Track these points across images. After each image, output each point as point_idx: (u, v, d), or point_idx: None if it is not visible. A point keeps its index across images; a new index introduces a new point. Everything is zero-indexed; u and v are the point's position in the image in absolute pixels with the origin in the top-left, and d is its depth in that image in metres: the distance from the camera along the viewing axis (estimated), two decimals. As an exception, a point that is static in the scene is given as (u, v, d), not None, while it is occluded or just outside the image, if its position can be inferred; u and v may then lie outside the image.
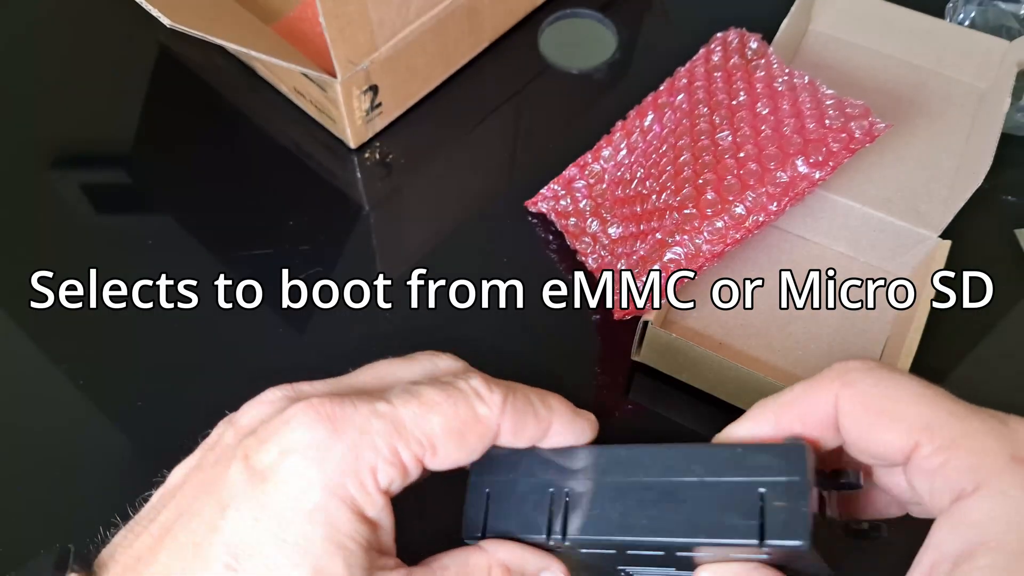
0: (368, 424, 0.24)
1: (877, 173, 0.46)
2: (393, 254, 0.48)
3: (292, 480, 0.23)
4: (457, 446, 0.25)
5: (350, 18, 0.44)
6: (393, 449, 0.24)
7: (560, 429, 0.27)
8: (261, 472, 0.24)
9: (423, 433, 0.25)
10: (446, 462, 0.25)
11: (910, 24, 0.52)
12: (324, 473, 0.23)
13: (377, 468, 0.24)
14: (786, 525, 0.23)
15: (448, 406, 0.25)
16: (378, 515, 0.24)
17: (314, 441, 0.24)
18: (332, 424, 0.24)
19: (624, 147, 0.48)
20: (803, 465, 0.23)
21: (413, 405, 0.25)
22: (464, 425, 0.25)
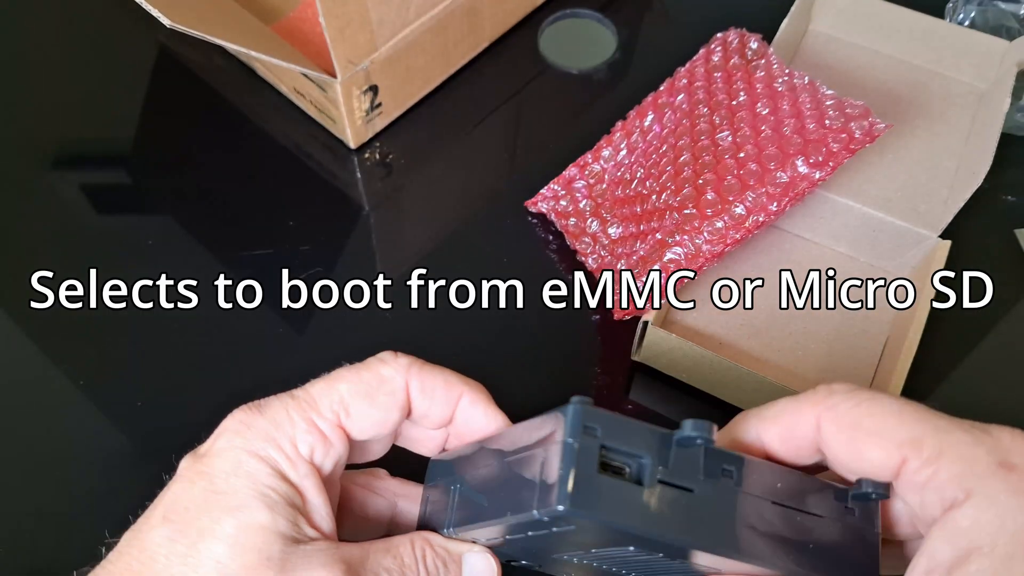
0: (285, 404, 0.27)
1: (877, 173, 0.46)
2: (393, 254, 0.48)
3: (221, 449, 0.27)
4: (368, 405, 0.28)
5: (350, 18, 0.44)
6: (308, 419, 0.27)
7: (473, 399, 0.29)
8: (201, 453, 0.27)
9: (332, 400, 0.27)
10: (364, 423, 0.28)
11: (910, 24, 0.52)
12: (247, 440, 0.27)
13: (296, 437, 0.27)
14: (547, 489, 0.22)
15: (352, 374, 0.28)
16: (301, 482, 0.27)
17: (241, 419, 0.27)
18: (257, 408, 0.28)
19: (624, 147, 0.48)
20: (570, 423, 0.22)
21: (321, 382, 0.28)
22: (370, 386, 0.28)
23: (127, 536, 0.27)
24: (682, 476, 0.23)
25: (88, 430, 0.42)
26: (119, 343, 0.45)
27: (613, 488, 0.22)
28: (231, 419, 0.28)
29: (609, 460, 0.22)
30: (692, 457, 0.23)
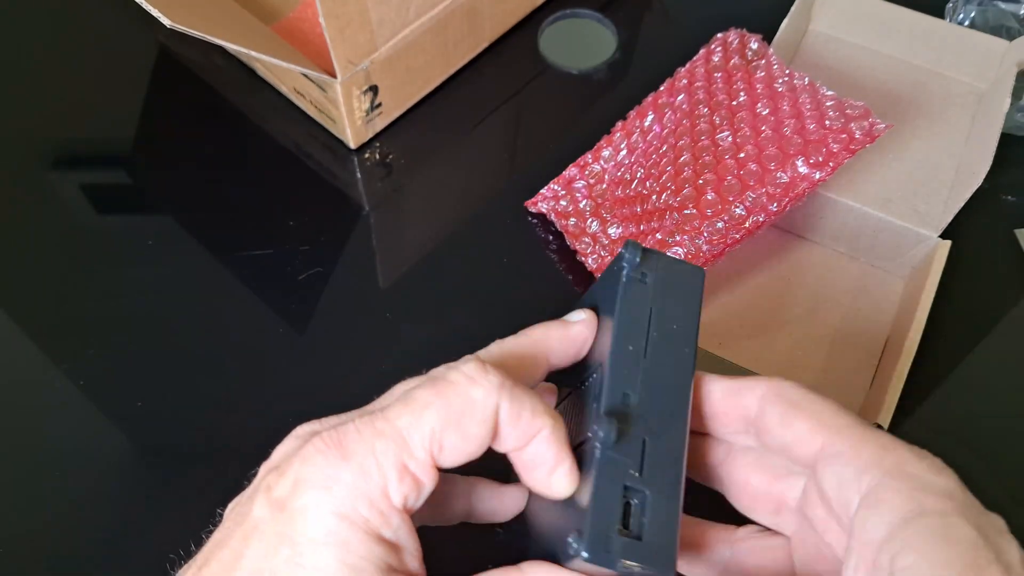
0: (372, 446, 0.24)
1: (877, 173, 0.46)
2: (393, 254, 0.48)
3: (306, 509, 0.24)
4: (460, 437, 0.25)
5: (350, 18, 0.44)
6: (401, 465, 0.24)
7: (550, 437, 0.26)
8: (280, 502, 0.24)
9: (422, 436, 0.24)
10: (455, 455, 0.25)
11: (910, 24, 0.52)
12: (335, 499, 0.24)
13: (388, 487, 0.24)
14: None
15: (438, 398, 0.25)
16: (395, 535, 0.24)
17: (324, 469, 0.24)
18: (340, 451, 0.24)
19: (624, 147, 0.48)
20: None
21: (407, 413, 0.25)
22: (461, 415, 0.25)
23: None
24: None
25: (88, 430, 0.42)
26: (118, 343, 0.45)
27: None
28: (311, 462, 0.24)
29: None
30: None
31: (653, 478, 0.24)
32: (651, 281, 0.28)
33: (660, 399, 0.26)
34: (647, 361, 0.26)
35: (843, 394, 0.42)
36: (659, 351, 0.26)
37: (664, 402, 0.26)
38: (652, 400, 0.26)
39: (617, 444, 0.25)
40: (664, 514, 0.24)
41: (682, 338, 0.27)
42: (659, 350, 0.27)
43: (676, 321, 0.27)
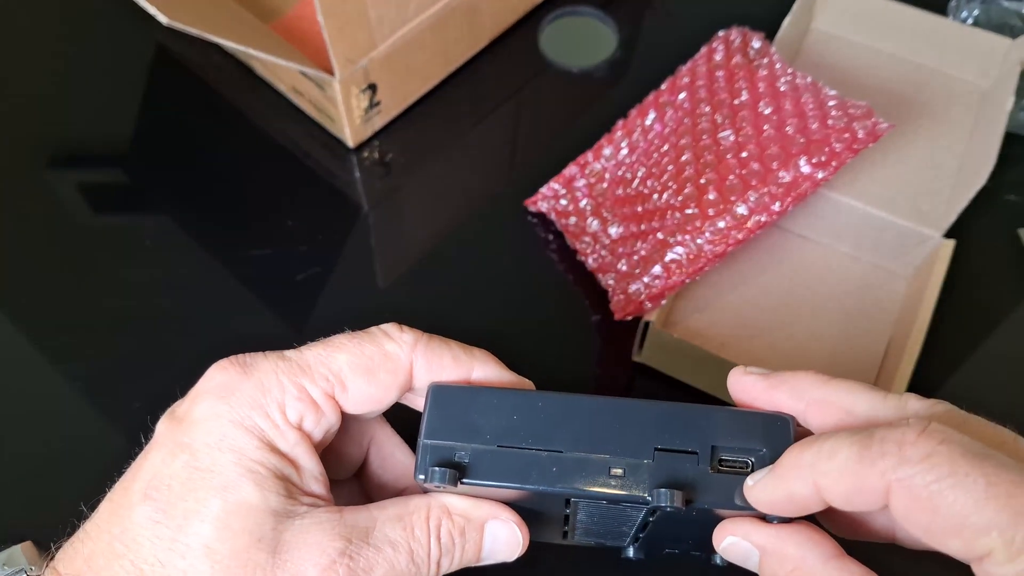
0: (275, 366, 0.25)
1: (880, 172, 0.46)
2: (392, 253, 0.48)
3: (203, 417, 0.25)
4: (366, 381, 0.26)
5: (349, 16, 0.43)
6: (299, 385, 0.25)
7: (483, 375, 0.27)
8: (179, 417, 0.25)
9: (328, 370, 0.26)
10: (360, 399, 0.26)
11: (913, 22, 0.51)
12: (231, 407, 0.25)
13: (285, 403, 0.25)
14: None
15: (353, 345, 0.26)
16: (292, 450, 0.25)
17: (223, 382, 0.25)
18: (242, 368, 0.25)
19: (625, 146, 0.48)
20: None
21: (319, 347, 0.26)
22: (371, 361, 0.26)
23: (105, 508, 0.25)
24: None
25: (86, 430, 0.42)
26: (118, 343, 0.44)
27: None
28: (212, 378, 0.26)
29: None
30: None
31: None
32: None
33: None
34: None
35: (846, 395, 0.42)
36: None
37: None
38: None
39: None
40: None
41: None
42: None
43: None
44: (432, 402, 0.26)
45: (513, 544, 0.27)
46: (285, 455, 0.25)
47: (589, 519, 0.28)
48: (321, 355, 0.26)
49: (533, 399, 0.26)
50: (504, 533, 0.27)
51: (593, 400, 0.26)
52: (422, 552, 0.25)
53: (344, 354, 0.26)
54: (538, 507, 0.27)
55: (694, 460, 0.25)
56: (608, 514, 0.27)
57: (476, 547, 0.26)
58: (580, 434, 0.25)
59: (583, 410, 0.25)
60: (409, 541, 0.25)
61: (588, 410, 0.25)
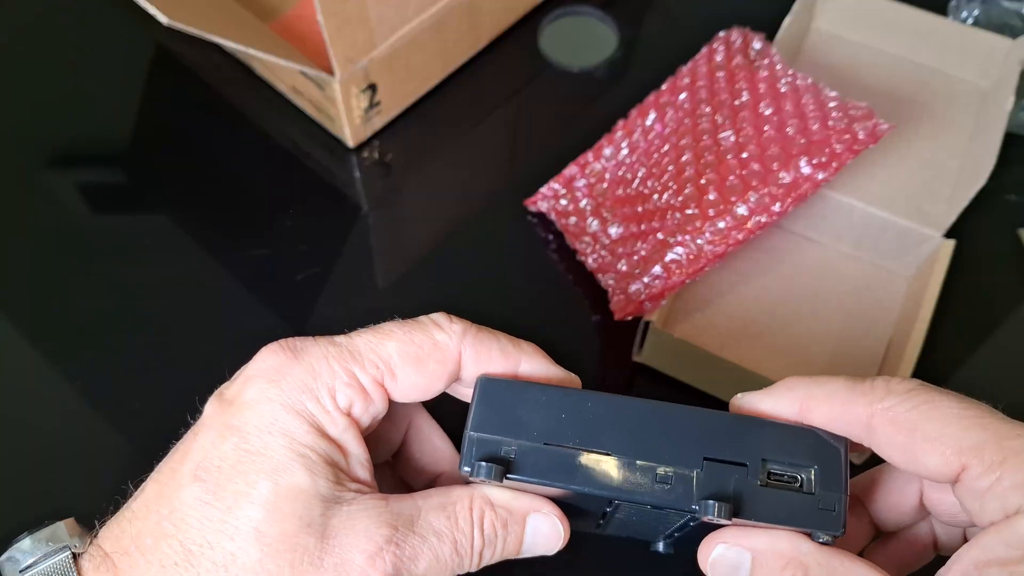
0: (326, 351, 0.25)
1: (880, 172, 0.46)
2: (392, 254, 0.48)
3: (254, 400, 0.25)
4: (416, 370, 0.26)
5: (348, 16, 0.43)
6: (350, 372, 0.25)
7: (531, 369, 0.27)
8: (229, 399, 0.25)
9: (379, 357, 0.26)
10: (408, 387, 0.26)
11: (913, 22, 0.51)
12: (282, 391, 0.25)
13: (335, 389, 0.25)
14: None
15: (403, 333, 0.26)
16: (341, 436, 0.25)
17: (274, 365, 0.25)
18: (292, 353, 0.25)
19: (626, 146, 0.47)
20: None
21: (369, 335, 0.26)
22: (421, 350, 0.26)
23: (152, 488, 0.25)
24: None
25: (86, 431, 0.42)
26: (117, 343, 0.44)
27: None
28: (263, 360, 0.26)
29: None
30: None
31: None
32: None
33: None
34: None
35: (846, 395, 0.42)
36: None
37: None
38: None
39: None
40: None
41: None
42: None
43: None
44: (480, 395, 0.26)
45: (554, 538, 0.27)
46: (334, 440, 0.25)
47: (628, 517, 0.28)
48: (372, 342, 0.26)
49: (582, 398, 0.26)
50: (546, 526, 0.27)
51: (643, 404, 0.25)
52: (465, 542, 0.25)
53: (394, 342, 0.26)
54: (580, 504, 0.27)
55: (743, 472, 0.24)
56: (650, 516, 0.27)
57: (518, 539, 0.26)
58: (628, 437, 0.25)
59: (633, 413, 0.25)
60: (453, 531, 0.25)
61: (638, 413, 0.25)
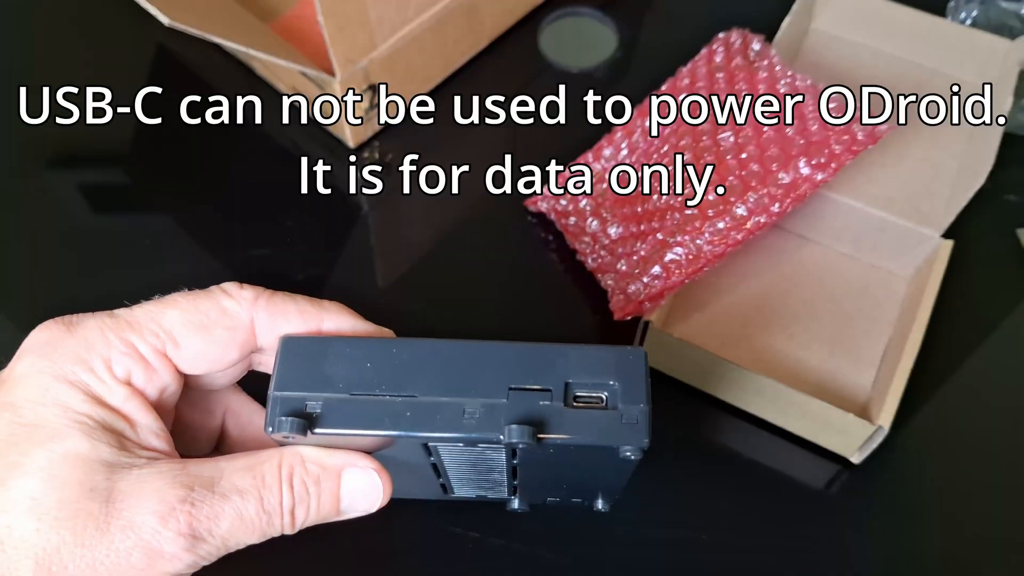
0: (101, 323, 0.25)
1: (879, 173, 0.46)
2: (392, 254, 0.48)
3: (24, 374, 0.24)
4: (202, 338, 0.25)
5: (349, 16, 0.44)
6: (127, 341, 0.24)
7: (336, 327, 0.27)
8: (2, 379, 0.24)
9: (159, 326, 0.25)
10: (194, 356, 0.25)
11: (912, 23, 0.51)
12: (54, 363, 0.24)
13: (111, 359, 0.24)
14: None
15: (187, 302, 0.25)
16: (123, 405, 0.24)
17: (46, 339, 0.24)
18: (66, 327, 0.25)
19: (625, 146, 0.48)
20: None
21: (150, 305, 0.25)
22: (206, 317, 0.25)
23: None
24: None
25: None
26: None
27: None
28: (34, 337, 0.25)
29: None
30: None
31: None
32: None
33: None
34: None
35: (845, 394, 0.42)
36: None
37: None
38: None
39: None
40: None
41: None
42: None
43: None
44: (282, 353, 0.25)
45: (374, 493, 0.26)
46: (115, 409, 0.24)
47: (458, 468, 0.28)
48: (152, 311, 0.25)
49: (387, 346, 0.26)
50: (363, 481, 0.26)
51: (449, 344, 0.25)
52: (273, 500, 0.24)
53: (177, 310, 0.25)
54: (403, 457, 0.27)
55: (548, 397, 0.24)
56: (472, 460, 0.27)
57: (333, 496, 0.25)
58: (435, 379, 0.25)
59: (438, 355, 0.25)
60: (259, 488, 0.24)
61: (443, 355, 0.25)
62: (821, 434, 0.40)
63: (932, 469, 0.41)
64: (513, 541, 0.39)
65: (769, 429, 0.42)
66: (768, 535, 0.39)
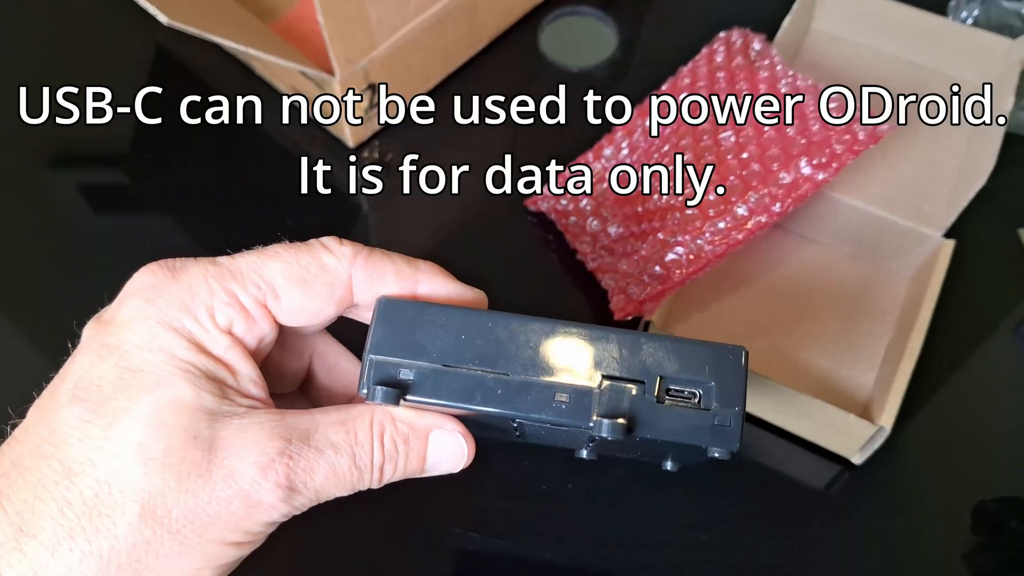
0: (205, 270, 0.25)
1: (880, 172, 0.46)
2: (392, 254, 0.48)
3: (131, 318, 0.24)
4: (302, 292, 0.25)
5: (349, 16, 0.43)
6: (229, 291, 0.25)
7: (431, 290, 0.27)
8: (107, 320, 0.25)
9: (261, 278, 0.25)
10: (295, 309, 0.25)
11: (913, 22, 0.51)
12: (159, 309, 0.24)
13: (214, 308, 0.24)
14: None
15: (289, 255, 0.25)
16: (224, 354, 0.24)
17: (151, 283, 0.25)
18: (171, 272, 0.25)
19: (626, 146, 0.48)
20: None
21: (253, 255, 0.25)
22: (307, 272, 0.25)
23: (33, 413, 0.25)
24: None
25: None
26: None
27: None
28: (140, 279, 0.25)
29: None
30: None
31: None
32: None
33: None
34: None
35: (846, 394, 0.42)
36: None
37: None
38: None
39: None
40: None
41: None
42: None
43: None
44: (379, 316, 0.25)
45: (458, 455, 0.27)
46: (218, 358, 0.24)
47: (538, 432, 0.28)
48: (255, 262, 0.25)
49: (483, 319, 0.25)
50: (450, 443, 0.26)
51: (545, 323, 0.25)
52: (365, 456, 0.25)
53: (278, 263, 0.25)
54: (485, 423, 0.27)
55: (641, 389, 0.24)
56: (556, 433, 0.27)
57: (420, 456, 0.26)
58: (528, 357, 0.25)
59: (534, 333, 0.25)
60: (352, 444, 0.25)
61: (539, 333, 0.25)
62: (822, 434, 0.40)
63: (933, 469, 0.41)
64: (513, 541, 0.38)
65: (770, 429, 0.42)
66: (769, 535, 0.39)
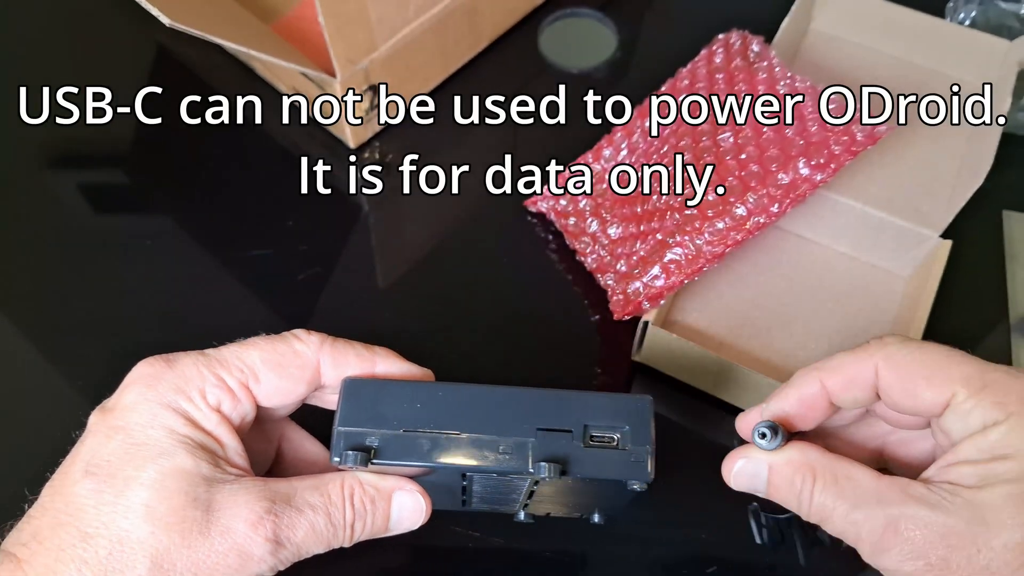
0: (195, 360, 0.29)
1: (878, 173, 0.46)
2: (392, 254, 0.48)
3: (134, 402, 0.28)
4: (278, 375, 0.30)
5: (349, 17, 0.44)
6: (217, 375, 0.29)
7: (387, 369, 0.31)
8: (110, 407, 0.29)
9: (243, 363, 0.29)
10: (272, 390, 0.30)
11: (911, 23, 0.51)
12: (159, 393, 0.28)
13: (205, 390, 0.29)
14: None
15: (266, 344, 0.30)
16: (215, 429, 0.28)
17: (150, 372, 0.29)
18: (166, 362, 0.29)
19: (625, 147, 0.48)
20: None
21: (235, 346, 0.30)
22: (283, 358, 0.30)
23: (47, 491, 0.28)
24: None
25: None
26: (119, 347, 0.44)
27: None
28: (138, 372, 0.29)
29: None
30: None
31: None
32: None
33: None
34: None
35: (844, 395, 0.42)
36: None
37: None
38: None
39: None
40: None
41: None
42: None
43: None
44: (345, 393, 0.30)
45: (417, 512, 0.30)
46: (209, 432, 0.28)
47: (484, 490, 0.32)
48: (237, 351, 0.30)
49: (434, 389, 0.30)
50: (409, 502, 0.30)
51: (487, 389, 0.30)
52: (338, 514, 0.29)
53: (257, 351, 0.30)
54: (439, 480, 0.31)
55: (569, 437, 0.29)
56: (499, 485, 0.31)
57: (384, 514, 0.30)
58: (474, 418, 0.29)
59: (477, 398, 0.30)
60: (327, 504, 0.28)
61: (481, 398, 0.30)
62: (820, 434, 0.41)
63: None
64: (513, 541, 0.39)
65: (769, 429, 0.42)
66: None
